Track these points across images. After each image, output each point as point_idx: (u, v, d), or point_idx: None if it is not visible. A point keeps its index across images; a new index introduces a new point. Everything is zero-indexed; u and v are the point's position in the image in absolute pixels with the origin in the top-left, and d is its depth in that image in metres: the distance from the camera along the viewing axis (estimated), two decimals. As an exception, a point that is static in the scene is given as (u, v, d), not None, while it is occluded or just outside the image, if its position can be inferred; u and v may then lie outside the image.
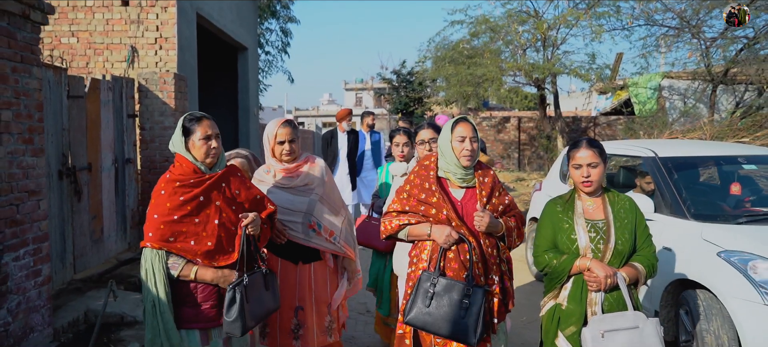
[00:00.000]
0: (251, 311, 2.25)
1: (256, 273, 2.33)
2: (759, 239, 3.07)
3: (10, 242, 3.39)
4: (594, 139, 2.37)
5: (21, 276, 3.49)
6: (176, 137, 2.32)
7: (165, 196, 2.22)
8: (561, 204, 2.41)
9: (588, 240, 2.28)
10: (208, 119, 2.33)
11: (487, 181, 2.45)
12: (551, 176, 5.54)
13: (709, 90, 12.85)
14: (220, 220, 2.27)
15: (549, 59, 13.37)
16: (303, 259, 2.80)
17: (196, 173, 2.28)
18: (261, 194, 2.50)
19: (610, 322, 2.17)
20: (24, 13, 3.50)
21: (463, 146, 2.37)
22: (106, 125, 5.54)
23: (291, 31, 16.92)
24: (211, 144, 2.27)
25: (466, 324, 2.22)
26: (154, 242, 2.19)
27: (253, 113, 10.53)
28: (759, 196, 3.95)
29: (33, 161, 3.65)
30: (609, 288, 2.22)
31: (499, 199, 2.45)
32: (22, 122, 3.53)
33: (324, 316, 2.84)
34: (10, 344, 3.37)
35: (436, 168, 2.46)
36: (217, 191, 2.31)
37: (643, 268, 2.27)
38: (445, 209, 2.35)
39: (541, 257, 2.38)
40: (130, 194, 6.09)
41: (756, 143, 8.63)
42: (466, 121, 2.43)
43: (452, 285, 2.28)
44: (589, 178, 2.29)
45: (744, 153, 4.06)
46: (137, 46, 6.51)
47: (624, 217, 2.30)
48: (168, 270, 2.21)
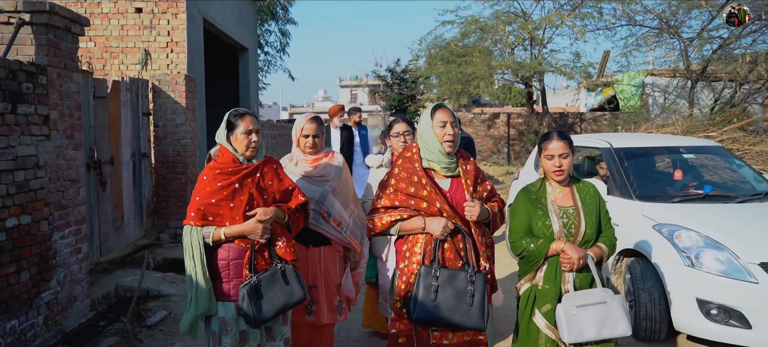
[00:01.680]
0: (265, 306, 2.41)
1: (269, 271, 2.48)
2: (686, 214, 3.71)
3: (57, 223, 3.97)
4: (563, 131, 2.51)
5: (66, 252, 4.08)
6: (221, 130, 2.55)
7: (207, 181, 2.48)
8: (534, 192, 2.53)
9: (561, 225, 2.43)
10: (251, 114, 2.55)
11: (470, 169, 2.51)
12: (527, 167, 6.17)
13: (688, 87, 13.50)
14: (251, 207, 2.48)
15: (535, 58, 14.02)
16: (314, 243, 2.99)
17: (235, 162, 2.51)
18: (293, 185, 2.69)
19: (581, 298, 2.35)
20: (66, 27, 4.08)
21: (445, 131, 2.39)
22: (125, 122, 6.12)
23: (290, 32, 17.52)
24: (251, 138, 2.49)
25: (474, 311, 2.29)
26: (195, 220, 2.44)
27: (253, 111, 11.11)
28: (700, 180, 4.59)
29: (74, 154, 4.24)
30: (580, 267, 2.40)
31: (482, 186, 2.53)
32: (66, 120, 4.12)
33: (334, 296, 3.04)
34: (59, 310, 3.96)
35: (420, 159, 2.48)
36: (252, 181, 2.51)
37: (606, 248, 2.48)
38: (437, 201, 2.37)
39: (518, 243, 2.49)
40: (146, 185, 6.67)
41: (723, 136, 9.29)
42: (444, 107, 2.47)
43: (455, 275, 2.32)
44: (561, 167, 2.43)
45: (684, 144, 4.71)
46: (150, 50, 7.08)
47: (590, 203, 2.48)
48: (204, 242, 2.44)
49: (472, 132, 17.95)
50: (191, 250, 2.41)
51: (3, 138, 3.38)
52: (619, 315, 2.34)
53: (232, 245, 2.47)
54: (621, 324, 2.34)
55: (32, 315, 3.66)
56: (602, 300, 2.35)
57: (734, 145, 9.20)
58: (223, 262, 2.47)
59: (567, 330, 2.30)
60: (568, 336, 2.31)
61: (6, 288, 3.39)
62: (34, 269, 3.67)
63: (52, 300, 3.88)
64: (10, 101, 3.45)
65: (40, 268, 3.74)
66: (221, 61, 10.80)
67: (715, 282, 3.38)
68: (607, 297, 2.37)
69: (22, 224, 3.55)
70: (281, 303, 2.46)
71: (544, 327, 2.43)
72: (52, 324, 3.87)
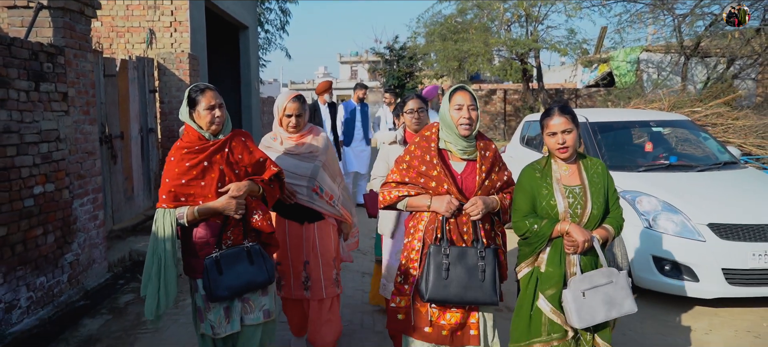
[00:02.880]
0: (225, 282, 2.38)
1: (235, 248, 2.44)
2: (649, 181, 4.09)
3: (77, 192, 4.36)
4: (566, 105, 2.39)
5: (85, 218, 4.48)
6: (183, 107, 2.48)
7: (174, 162, 2.42)
8: (539, 170, 2.41)
9: (566, 205, 2.31)
10: (211, 89, 2.46)
11: (489, 155, 2.42)
12: (514, 141, 6.53)
13: (681, 63, 13.74)
14: (222, 183, 2.44)
15: (531, 35, 14.24)
16: (308, 219, 3.02)
17: (201, 140, 2.43)
18: (264, 156, 2.62)
19: (589, 281, 2.27)
20: (80, 10, 4.40)
21: (461, 114, 2.34)
22: (133, 99, 6.47)
23: (290, 10, 17.71)
24: (214, 113, 2.41)
25: (486, 285, 2.28)
26: (167, 202, 2.40)
27: (254, 87, 11.42)
28: (668, 152, 4.95)
29: (90, 129, 4.61)
30: (585, 250, 2.29)
31: (498, 174, 2.44)
32: (82, 97, 4.47)
33: (331, 269, 3.04)
34: (80, 270, 4.38)
35: (437, 140, 2.43)
36: (220, 156, 2.45)
37: (612, 229, 2.36)
38: (445, 183, 2.33)
39: (520, 223, 2.37)
40: (153, 159, 7.05)
41: (708, 111, 9.60)
42: (463, 89, 2.39)
43: (465, 251, 2.30)
44: (565, 144, 2.31)
45: (654, 118, 5.07)
46: (155, 29, 7.39)
47: (597, 181, 2.35)
48: (177, 224, 2.40)
49: (470, 108, 18.20)
50: (163, 232, 2.36)
51: (28, 113, 3.74)
52: (625, 294, 2.28)
53: (209, 223, 2.44)
54: (627, 303, 2.28)
55: (58, 273, 4.07)
56: (609, 280, 2.28)
57: (719, 120, 9.52)
58: (201, 240, 2.44)
59: (577, 316, 2.23)
60: (579, 322, 2.23)
61: (35, 249, 3.80)
62: (58, 232, 4.07)
63: (74, 260, 4.29)
64: (33, 79, 3.80)
65: (63, 232, 4.14)
66: (222, 40, 11.07)
67: (670, 241, 3.77)
68: (613, 276, 2.30)
69: (47, 191, 3.94)
70: (243, 282, 2.42)
71: (548, 312, 2.34)
72: (75, 283, 4.29)
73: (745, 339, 3.51)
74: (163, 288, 2.37)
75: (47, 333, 3.64)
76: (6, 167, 3.51)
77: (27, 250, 3.70)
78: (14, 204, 3.59)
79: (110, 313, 4.03)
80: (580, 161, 2.40)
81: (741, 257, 3.66)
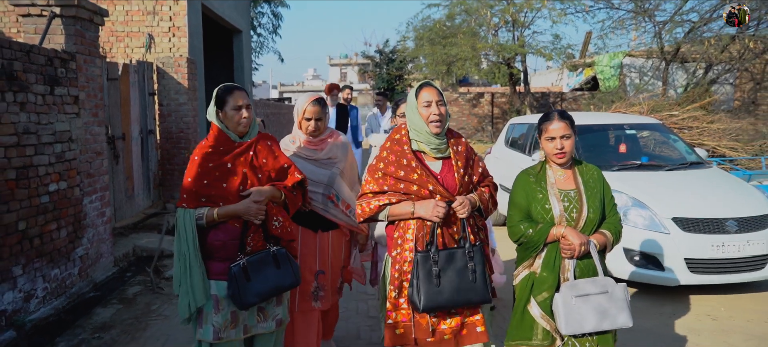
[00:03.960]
0: (254, 288, 2.30)
1: (260, 254, 2.37)
2: (620, 180, 4.45)
3: (87, 189, 4.61)
4: (564, 111, 2.38)
5: (94, 215, 4.73)
6: (211, 107, 2.42)
7: (197, 161, 2.37)
8: (533, 175, 2.39)
9: (562, 210, 2.28)
10: (240, 89, 2.40)
11: (461, 150, 2.39)
12: (499, 143, 6.87)
13: (662, 67, 14.24)
14: (245, 186, 2.36)
15: (517, 40, 14.66)
16: (322, 227, 2.89)
17: (227, 141, 2.38)
18: (289, 163, 2.54)
19: (581, 287, 2.22)
20: (90, 18, 4.67)
21: (430, 110, 2.28)
22: (134, 102, 6.71)
23: (281, 14, 18.00)
24: (242, 114, 2.36)
25: (478, 285, 2.24)
26: (188, 202, 2.34)
27: (248, 90, 11.67)
28: (640, 152, 5.33)
29: (98, 130, 4.86)
30: (582, 254, 2.24)
31: (473, 168, 2.40)
32: (91, 100, 4.73)
33: (337, 278, 3.00)
34: (89, 264, 4.63)
35: (409, 142, 2.36)
36: (244, 159, 2.38)
37: (610, 235, 2.31)
38: (430, 183, 2.27)
39: (516, 228, 2.35)
40: (152, 159, 7.30)
41: (685, 115, 10.05)
42: (429, 85, 2.34)
43: (452, 254, 2.25)
44: (563, 150, 2.28)
45: (628, 122, 5.46)
46: (153, 34, 7.63)
47: (593, 186, 2.33)
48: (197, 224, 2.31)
49: (458, 111, 18.65)
50: (185, 233, 2.30)
51: (45, 116, 4.00)
52: (621, 306, 2.22)
53: (227, 226, 2.36)
54: (622, 316, 2.22)
55: (70, 266, 4.32)
56: (603, 290, 2.22)
57: (694, 123, 9.99)
58: (218, 243, 2.36)
59: (565, 321, 2.19)
60: (566, 328, 2.20)
61: (50, 243, 4.05)
62: (70, 227, 4.32)
63: (84, 254, 4.54)
64: (49, 84, 4.06)
65: (75, 227, 4.40)
66: (217, 44, 11.31)
67: (638, 234, 4.14)
68: (608, 286, 2.23)
69: (61, 189, 4.20)
70: (271, 287, 2.37)
71: (538, 317, 2.32)
72: (85, 275, 4.55)
73: (705, 322, 3.87)
74: (191, 288, 2.30)
75: (63, 322, 3.90)
76: (25, 165, 3.76)
77: (43, 244, 3.95)
78: (32, 200, 3.84)
79: (120, 303, 4.30)
80: (575, 166, 2.39)
81: (701, 248, 4.03)
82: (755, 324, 3.83)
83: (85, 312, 4.08)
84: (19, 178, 3.70)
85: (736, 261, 4.02)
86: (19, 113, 3.69)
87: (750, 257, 4.03)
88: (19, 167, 3.69)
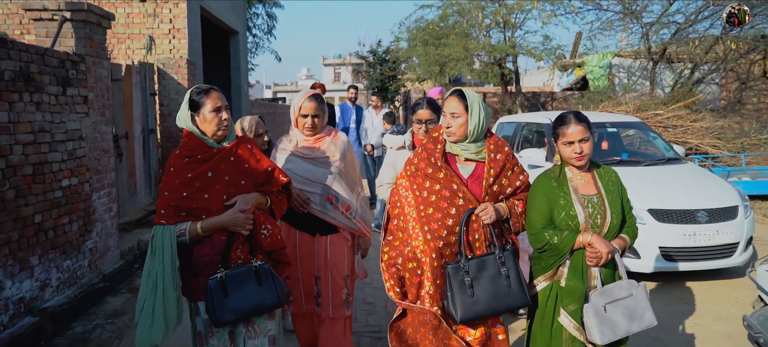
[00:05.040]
0: (230, 304, 2.13)
1: (241, 268, 2.18)
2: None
3: (95, 185, 4.84)
4: (580, 113, 2.30)
5: (102, 209, 4.96)
6: (183, 112, 2.20)
7: (174, 173, 2.16)
8: (554, 179, 2.29)
9: (586, 215, 2.21)
10: (216, 90, 2.23)
11: (499, 158, 2.31)
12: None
13: (650, 68, 14.61)
14: (228, 195, 2.18)
15: (508, 40, 14.96)
16: (320, 231, 2.76)
17: (204, 147, 2.19)
18: (272, 165, 2.37)
19: (609, 294, 2.18)
20: (98, 22, 4.90)
21: (445, 120, 2.32)
22: (136, 102, 6.93)
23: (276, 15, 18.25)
24: (222, 116, 2.18)
25: (514, 290, 2.21)
26: (167, 218, 2.12)
27: (244, 90, 11.90)
28: (622, 149, 5.63)
29: (105, 129, 5.09)
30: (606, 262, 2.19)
31: (509, 180, 2.33)
32: (99, 100, 4.96)
33: (341, 289, 2.78)
34: (98, 256, 4.86)
35: (444, 142, 2.35)
36: (226, 165, 2.20)
37: (628, 239, 2.28)
38: (454, 183, 2.25)
39: (540, 235, 2.24)
40: (153, 158, 7.52)
41: (669, 114, 10.39)
42: (452, 95, 2.33)
43: (484, 261, 2.21)
44: (582, 153, 2.21)
45: (610, 120, 5.75)
46: (154, 36, 7.85)
47: (613, 190, 2.28)
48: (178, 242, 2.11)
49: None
50: (161, 252, 2.08)
51: (58, 115, 4.23)
52: (645, 306, 2.20)
53: (213, 240, 2.17)
54: (647, 315, 2.20)
55: (80, 258, 4.55)
56: (629, 293, 2.19)
57: (678, 121, 10.33)
58: (205, 259, 2.17)
59: (599, 332, 2.13)
60: (601, 338, 2.14)
61: (62, 235, 4.28)
62: (80, 221, 4.55)
63: (93, 247, 4.77)
64: (61, 85, 4.28)
65: (85, 221, 4.63)
66: (214, 45, 11.53)
67: (617, 225, 4.41)
68: (632, 288, 2.21)
69: (72, 184, 4.43)
70: (251, 305, 2.17)
71: (572, 329, 2.23)
72: (94, 267, 4.77)
73: (677, 306, 4.16)
74: (161, 315, 2.07)
75: (76, 309, 4.13)
76: (41, 162, 3.99)
77: (57, 236, 4.18)
78: (47, 195, 4.07)
79: (130, 292, 4.53)
80: (593, 169, 2.32)
81: (674, 238, 4.32)
82: (723, 307, 4.13)
83: (96, 301, 4.31)
84: (36, 174, 3.93)
85: (706, 249, 4.33)
86: (35, 112, 3.92)
87: (719, 245, 4.33)
88: (35, 163, 3.92)
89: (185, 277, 2.19)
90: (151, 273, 2.09)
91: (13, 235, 3.65)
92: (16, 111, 3.71)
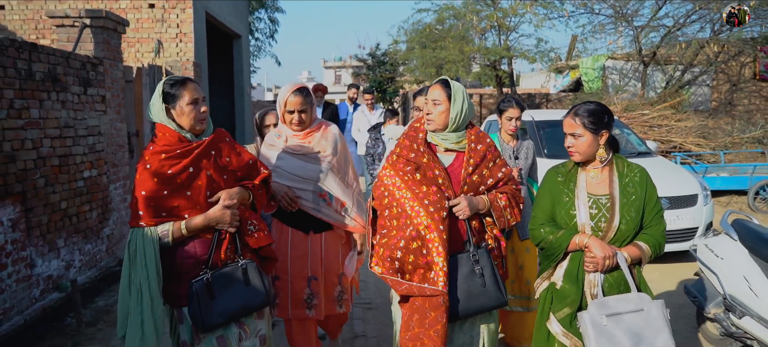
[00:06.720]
0: (218, 307, 2.01)
1: (227, 267, 2.08)
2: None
3: (112, 177, 5.28)
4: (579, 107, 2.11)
5: (117, 199, 5.40)
6: (156, 105, 2.05)
7: (150, 170, 1.99)
8: (563, 174, 2.16)
9: (588, 217, 2.03)
10: (192, 81, 2.09)
11: (480, 149, 2.25)
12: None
13: (641, 70, 15.04)
14: (211, 191, 2.08)
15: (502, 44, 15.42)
16: (314, 229, 2.67)
17: (182, 141, 2.05)
18: (253, 158, 2.28)
19: (612, 305, 1.94)
20: (114, 27, 5.35)
21: (427, 108, 2.27)
22: (146, 102, 7.37)
23: (278, 19, 18.76)
24: (200, 108, 2.06)
25: (489, 289, 2.12)
26: (145, 219, 1.97)
27: (246, 92, 12.35)
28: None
29: (120, 126, 5.54)
30: (608, 269, 2.00)
31: (491, 171, 2.25)
32: (115, 100, 5.40)
33: (333, 286, 2.72)
34: (114, 243, 5.29)
35: (426, 131, 2.31)
36: (207, 160, 2.09)
37: (648, 248, 2.01)
38: (436, 169, 2.19)
39: (536, 231, 2.13)
40: (162, 155, 7.96)
41: (655, 114, 10.82)
42: (436, 83, 2.29)
43: (457, 260, 2.13)
44: (572, 148, 2.09)
45: (587, 117, 6.19)
46: (162, 40, 8.30)
47: (632, 192, 2.03)
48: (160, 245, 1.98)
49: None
50: (143, 258, 1.93)
51: (80, 113, 4.67)
52: (659, 326, 1.92)
53: (197, 241, 2.06)
54: (662, 337, 1.91)
55: (99, 243, 4.99)
56: (638, 308, 1.93)
57: (664, 121, 10.75)
58: (190, 260, 2.05)
59: (596, 344, 1.91)
60: None
61: (84, 222, 4.72)
62: (99, 210, 4.99)
63: (110, 234, 5.21)
64: (82, 85, 4.73)
65: (103, 210, 5.06)
66: (217, 48, 11.98)
67: (588, 212, 4.83)
68: (644, 303, 1.94)
69: (92, 176, 4.86)
70: (239, 306, 2.06)
71: (560, 336, 2.09)
72: (111, 252, 5.21)
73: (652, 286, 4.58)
74: (151, 325, 1.93)
75: (97, 288, 4.57)
76: (65, 154, 4.43)
77: (79, 222, 4.62)
78: (71, 184, 4.51)
79: (144, 274, 4.95)
80: (614, 166, 2.11)
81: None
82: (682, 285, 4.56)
83: (116, 281, 4.75)
84: (61, 165, 4.37)
85: (667, 233, 4.73)
86: (60, 109, 4.36)
87: (679, 230, 4.75)
88: (61, 155, 4.35)
89: (164, 283, 2.05)
90: (132, 281, 1.96)
91: (43, 219, 4.09)
92: (46, 108, 4.15)
